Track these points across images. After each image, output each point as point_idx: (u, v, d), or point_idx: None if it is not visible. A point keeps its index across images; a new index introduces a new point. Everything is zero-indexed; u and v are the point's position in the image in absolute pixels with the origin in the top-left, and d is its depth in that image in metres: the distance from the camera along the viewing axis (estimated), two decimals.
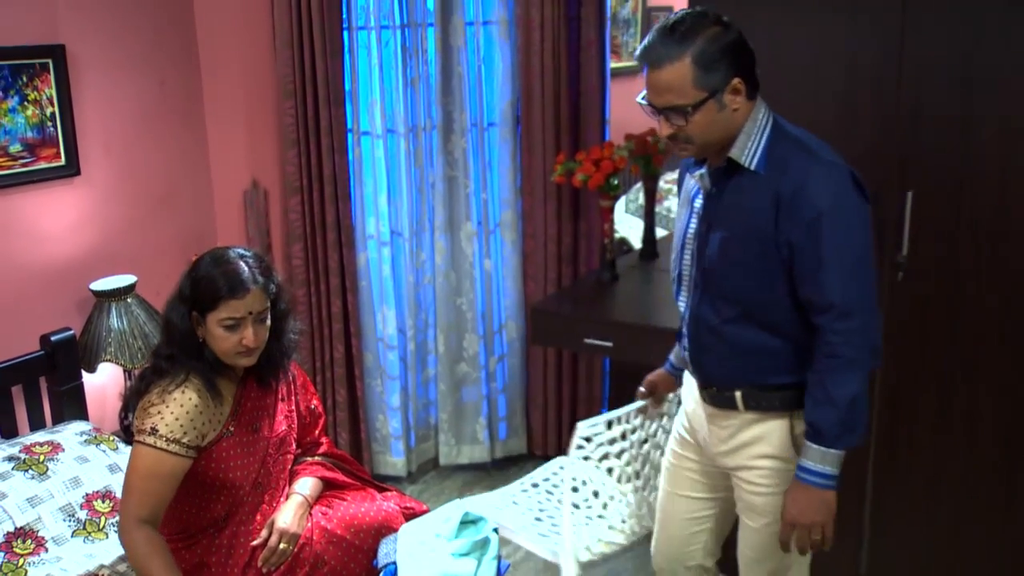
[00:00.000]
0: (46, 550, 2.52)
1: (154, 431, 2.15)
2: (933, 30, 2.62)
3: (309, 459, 2.50)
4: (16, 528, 2.53)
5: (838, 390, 1.92)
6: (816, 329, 1.95)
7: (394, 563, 2.17)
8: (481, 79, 3.79)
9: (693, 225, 2.09)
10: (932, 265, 2.75)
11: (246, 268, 2.20)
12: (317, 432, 2.55)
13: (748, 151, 1.96)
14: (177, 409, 2.17)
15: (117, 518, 2.61)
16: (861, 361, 1.94)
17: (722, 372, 2.09)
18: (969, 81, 2.60)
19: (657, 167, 3.96)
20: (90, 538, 2.59)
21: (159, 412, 2.17)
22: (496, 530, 2.23)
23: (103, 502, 2.68)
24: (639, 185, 4.33)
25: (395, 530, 2.31)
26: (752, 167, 1.96)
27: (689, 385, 2.26)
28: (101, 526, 2.63)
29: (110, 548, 2.56)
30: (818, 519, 2.00)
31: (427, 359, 4.07)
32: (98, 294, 3.30)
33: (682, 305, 2.18)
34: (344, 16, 3.65)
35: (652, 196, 4.06)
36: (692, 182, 2.12)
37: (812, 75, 2.79)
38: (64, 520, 2.60)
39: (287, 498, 2.37)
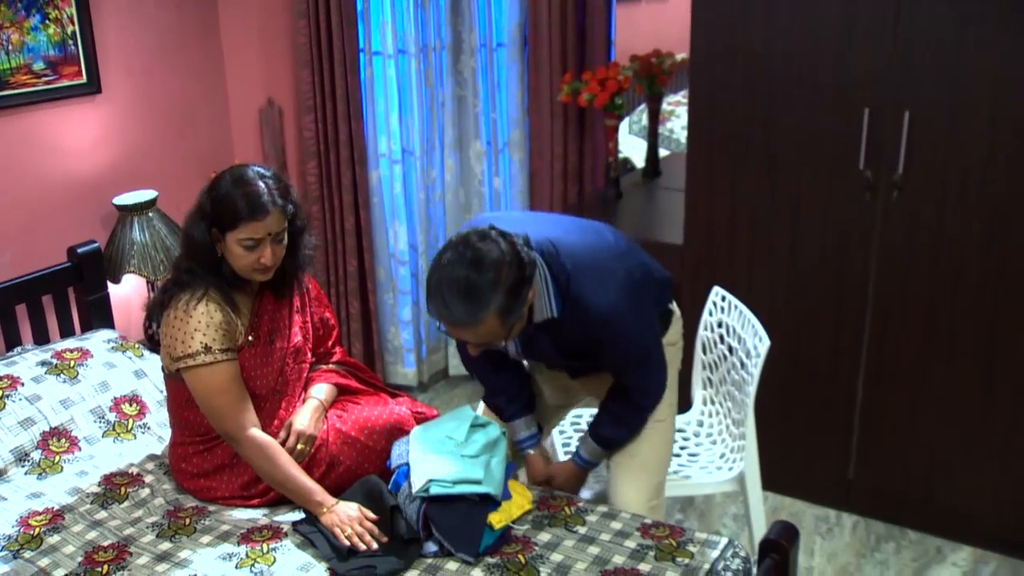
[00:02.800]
0: (79, 449, 2.55)
1: (208, 349, 2.17)
2: None
3: (324, 367, 2.49)
4: (51, 428, 2.56)
5: (635, 424, 2.30)
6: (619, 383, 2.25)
7: (406, 463, 2.18)
8: (490, 0, 3.69)
9: (513, 347, 2.22)
10: (925, 186, 2.72)
11: (266, 189, 2.16)
12: (331, 342, 2.53)
13: (546, 309, 2.04)
14: (210, 321, 2.18)
15: (144, 420, 2.68)
16: (649, 409, 2.29)
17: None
18: (964, 9, 2.53)
19: (661, 87, 3.91)
20: (119, 439, 2.61)
21: (196, 330, 2.17)
22: (504, 433, 2.23)
23: (130, 406, 2.70)
24: (642, 107, 4.27)
25: (407, 433, 2.32)
26: (554, 316, 2.04)
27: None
28: (129, 428, 2.65)
29: (138, 448, 2.58)
30: (574, 490, 2.42)
31: None
32: (121, 208, 3.29)
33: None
34: None
35: (656, 116, 4.03)
36: None
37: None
38: (95, 422, 2.62)
39: (303, 403, 2.38)
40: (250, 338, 2.27)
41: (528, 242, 1.99)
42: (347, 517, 2.11)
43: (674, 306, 2.41)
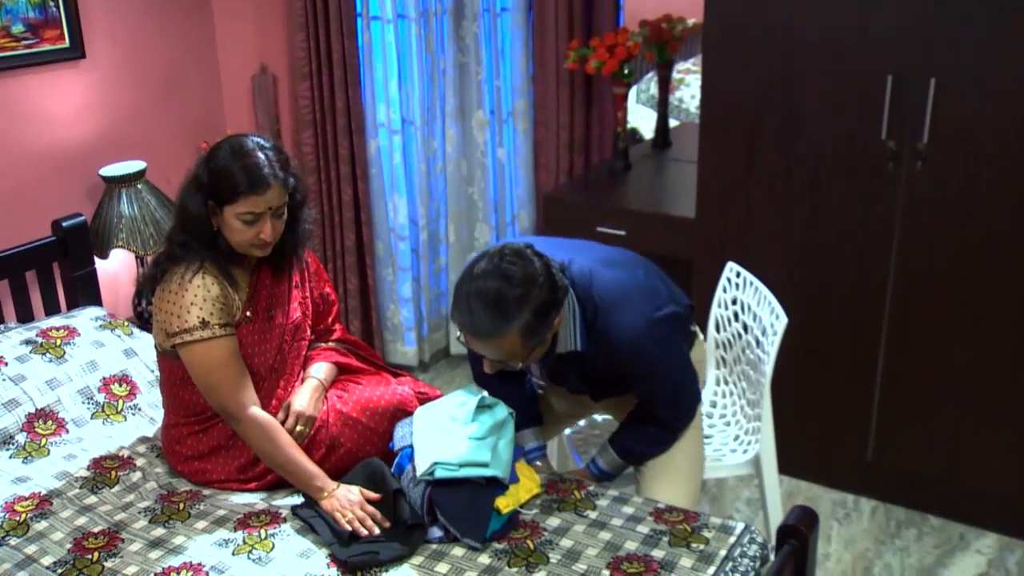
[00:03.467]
0: (67, 431, 2.53)
1: (205, 324, 2.15)
2: None
3: (323, 345, 2.48)
4: (37, 409, 2.54)
5: (665, 441, 2.30)
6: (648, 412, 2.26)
7: (410, 446, 2.16)
8: None
9: (537, 370, 2.30)
10: (951, 156, 2.69)
11: (266, 162, 2.14)
12: (330, 319, 2.52)
13: (571, 340, 2.09)
14: (207, 295, 2.16)
15: (134, 401, 2.66)
16: (681, 431, 2.30)
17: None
18: None
19: (671, 54, 3.87)
20: (109, 420, 2.60)
21: (193, 304, 2.16)
22: (512, 414, 2.22)
23: (120, 386, 2.69)
24: (650, 75, 4.24)
25: (410, 413, 2.30)
26: (579, 350, 2.10)
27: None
28: (119, 409, 2.63)
29: (128, 430, 2.57)
30: None
31: (439, 249, 4.05)
32: (108, 180, 3.26)
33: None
34: None
35: (666, 84, 3.99)
36: None
37: None
38: (83, 403, 2.61)
39: (302, 382, 2.36)
40: (248, 314, 2.26)
41: (564, 268, 2.05)
42: (348, 501, 2.10)
43: (696, 329, 2.44)
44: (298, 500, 2.21)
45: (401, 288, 3.98)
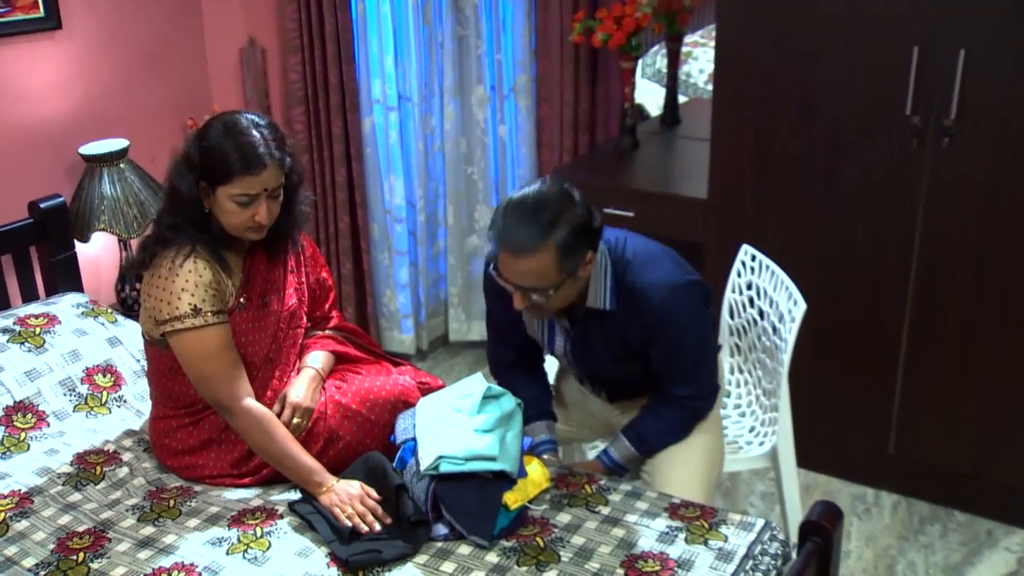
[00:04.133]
0: (48, 425, 2.50)
1: (197, 311, 2.14)
2: None
3: (320, 333, 2.47)
4: (15, 402, 2.51)
5: (680, 434, 2.31)
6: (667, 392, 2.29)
7: (413, 439, 2.14)
8: None
9: (550, 339, 2.33)
10: (979, 133, 2.67)
11: (261, 140, 2.12)
12: (327, 306, 2.51)
13: (600, 297, 2.16)
14: (199, 280, 2.15)
15: (119, 392, 2.64)
16: (700, 413, 2.33)
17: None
18: None
19: (681, 27, 3.85)
20: (92, 413, 2.57)
21: (184, 290, 2.14)
22: (520, 405, 2.20)
23: (104, 377, 2.66)
24: (655, 48, 4.22)
25: (412, 405, 2.29)
26: (608, 309, 2.16)
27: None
28: (103, 401, 2.61)
29: (113, 423, 2.54)
30: None
31: (437, 231, 4.04)
32: (88, 159, 3.23)
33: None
34: None
35: (675, 58, 3.99)
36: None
37: None
38: (65, 394, 2.58)
39: (298, 372, 2.34)
40: (241, 300, 2.24)
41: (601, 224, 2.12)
42: (348, 496, 2.08)
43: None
44: (295, 496, 2.19)
45: (398, 273, 3.97)
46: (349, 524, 2.03)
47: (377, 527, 2.03)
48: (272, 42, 3.77)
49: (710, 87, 4.93)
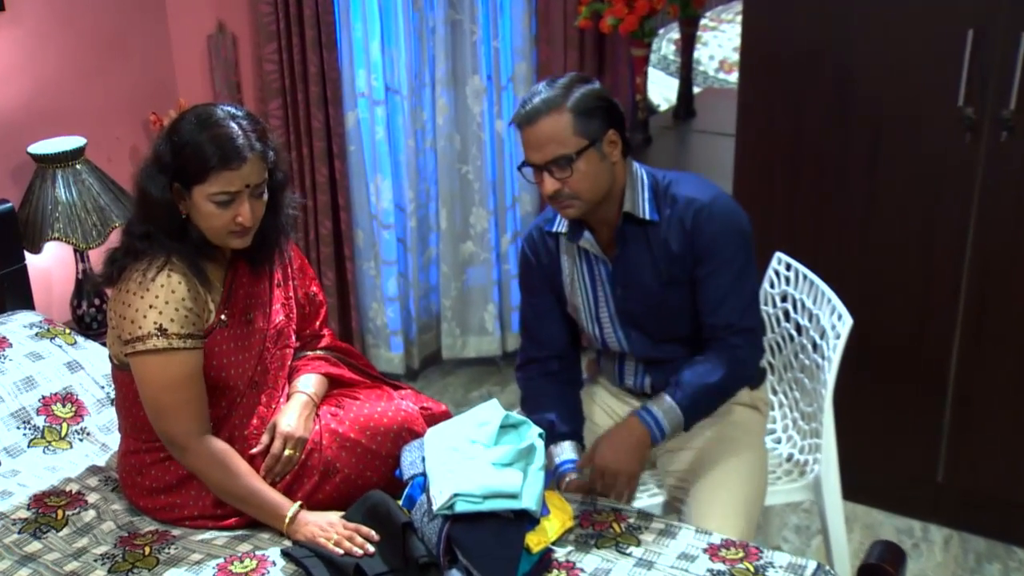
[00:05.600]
0: None
1: (162, 331, 2.11)
2: None
3: (310, 353, 2.45)
4: None
5: (718, 373, 2.31)
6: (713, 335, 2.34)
7: (422, 474, 2.11)
8: None
9: (594, 298, 2.42)
10: None
11: (240, 132, 2.11)
12: (318, 323, 2.50)
13: (640, 204, 2.30)
14: (170, 297, 2.12)
15: (81, 424, 2.59)
16: (751, 372, 2.42)
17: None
18: None
19: (696, 9, 3.86)
20: (51, 448, 2.53)
21: (152, 307, 2.11)
22: (542, 435, 2.16)
23: (63, 406, 2.62)
24: (661, 32, 4.23)
25: (418, 434, 2.27)
26: (647, 217, 2.30)
27: None
28: (63, 434, 2.57)
29: (75, 459, 2.50)
30: (632, 470, 2.29)
31: (428, 237, 4.04)
32: (39, 159, 3.20)
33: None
34: None
35: (690, 44, 4.06)
36: (566, 262, 2.43)
37: None
38: (18, 427, 2.54)
39: (288, 398, 2.33)
40: (222, 317, 2.22)
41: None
42: (327, 523, 2.11)
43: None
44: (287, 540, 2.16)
45: (385, 284, 3.96)
46: (339, 551, 2.03)
47: (370, 548, 2.05)
48: (244, 28, 3.75)
49: (721, 75, 5.00)
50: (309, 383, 2.36)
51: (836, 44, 2.85)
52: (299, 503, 2.15)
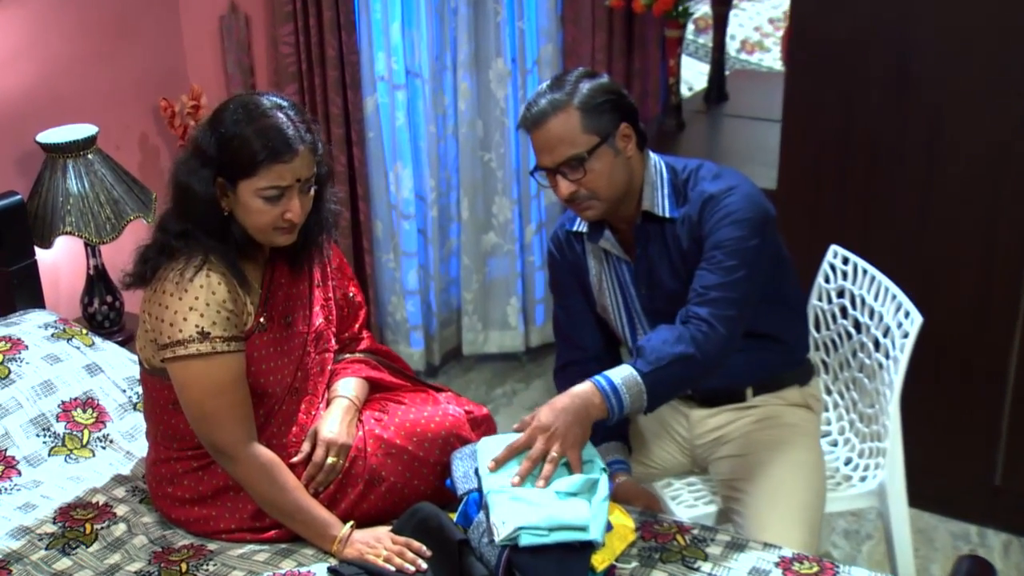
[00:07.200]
0: (19, 473, 2.40)
1: (205, 335, 2.08)
2: None
3: (349, 356, 2.43)
4: None
5: (680, 345, 2.17)
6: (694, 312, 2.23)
7: (477, 490, 2.06)
8: None
9: (622, 298, 2.40)
10: None
11: (288, 122, 2.09)
12: (357, 325, 2.49)
13: (659, 201, 2.28)
14: (211, 298, 2.09)
15: (104, 431, 2.54)
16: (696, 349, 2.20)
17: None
18: None
19: None
20: (72, 456, 2.47)
21: (192, 309, 2.08)
22: (606, 470, 2.12)
23: (84, 411, 2.56)
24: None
25: (465, 439, 2.25)
26: (667, 215, 2.28)
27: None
28: (85, 441, 2.51)
29: (99, 468, 2.44)
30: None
31: (449, 228, 4.03)
32: (48, 148, 3.13)
33: None
34: None
35: (723, 23, 4.02)
36: (592, 262, 2.41)
37: None
38: (38, 435, 2.48)
39: (328, 404, 2.31)
40: (262, 320, 2.19)
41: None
42: (374, 538, 2.09)
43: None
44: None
45: (405, 277, 3.95)
46: (391, 568, 2.01)
47: (422, 564, 2.03)
48: (258, 9, 3.72)
49: (743, 56, 4.97)
50: (350, 387, 2.33)
51: (892, 24, 2.82)
52: (351, 523, 2.11)
